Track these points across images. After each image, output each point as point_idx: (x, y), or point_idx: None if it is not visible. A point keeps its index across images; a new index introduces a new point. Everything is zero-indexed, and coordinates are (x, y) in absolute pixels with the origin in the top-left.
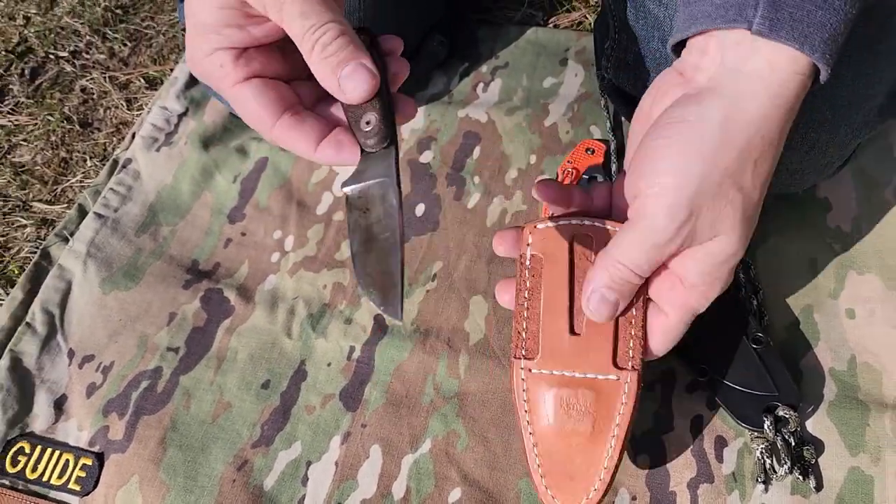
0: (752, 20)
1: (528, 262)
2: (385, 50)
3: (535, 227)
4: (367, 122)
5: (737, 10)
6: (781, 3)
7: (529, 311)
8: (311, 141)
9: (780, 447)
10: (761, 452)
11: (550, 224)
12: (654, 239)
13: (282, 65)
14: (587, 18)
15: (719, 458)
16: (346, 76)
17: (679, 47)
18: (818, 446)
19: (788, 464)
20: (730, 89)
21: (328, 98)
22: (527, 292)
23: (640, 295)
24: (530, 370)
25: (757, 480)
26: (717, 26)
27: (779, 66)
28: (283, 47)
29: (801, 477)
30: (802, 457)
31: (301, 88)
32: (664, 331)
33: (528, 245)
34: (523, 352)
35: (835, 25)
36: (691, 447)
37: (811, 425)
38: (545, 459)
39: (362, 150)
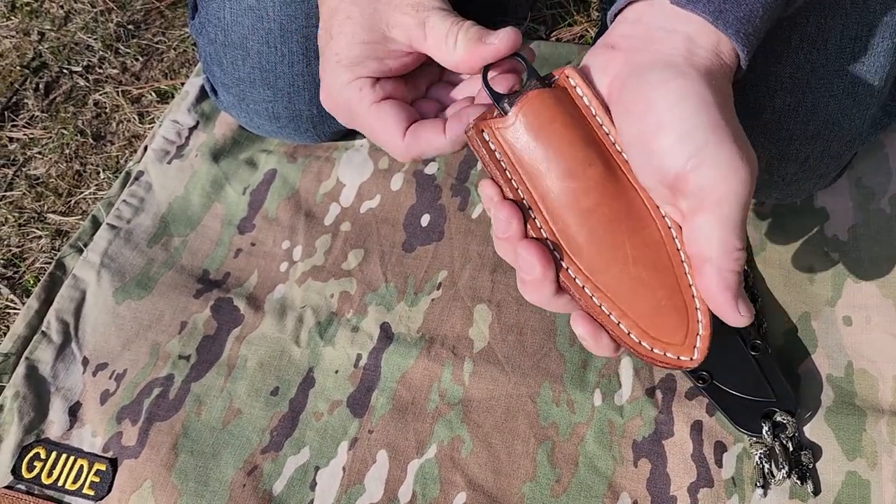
0: None
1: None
2: None
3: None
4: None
5: None
6: None
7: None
8: (439, 132)
9: (778, 452)
10: (760, 457)
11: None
12: (739, 198)
13: (402, 91)
14: (588, 32)
15: (719, 463)
16: (490, 38)
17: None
18: (816, 451)
19: (786, 468)
20: (679, 44)
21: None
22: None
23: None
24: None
25: (756, 485)
26: None
27: (699, 40)
28: (405, 78)
29: (799, 481)
30: (800, 461)
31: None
32: None
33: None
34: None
35: (751, 6)
36: (691, 452)
37: (809, 431)
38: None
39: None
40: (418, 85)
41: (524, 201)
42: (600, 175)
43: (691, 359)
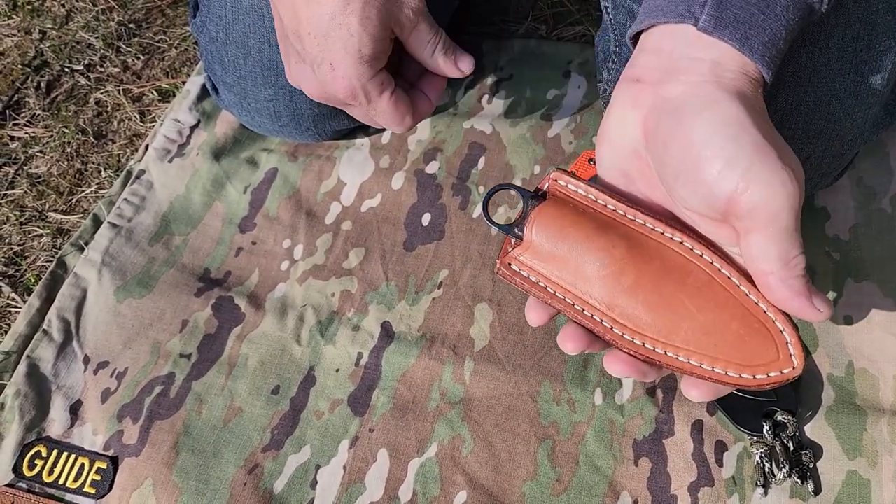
0: (698, 17)
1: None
2: None
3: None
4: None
5: (686, 6)
6: (728, 3)
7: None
8: (426, 102)
9: (778, 452)
10: (760, 457)
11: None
12: (788, 211)
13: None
14: (590, 31)
15: (719, 463)
16: (460, 60)
17: (635, 43)
18: (816, 451)
19: (787, 468)
20: (705, 68)
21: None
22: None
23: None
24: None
25: (756, 484)
26: (668, 20)
27: (726, 64)
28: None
29: (799, 481)
30: (801, 461)
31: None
32: None
33: None
34: None
35: (775, 30)
36: (692, 451)
37: (810, 430)
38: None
39: None
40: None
41: (575, 306)
42: (626, 251)
43: (794, 367)
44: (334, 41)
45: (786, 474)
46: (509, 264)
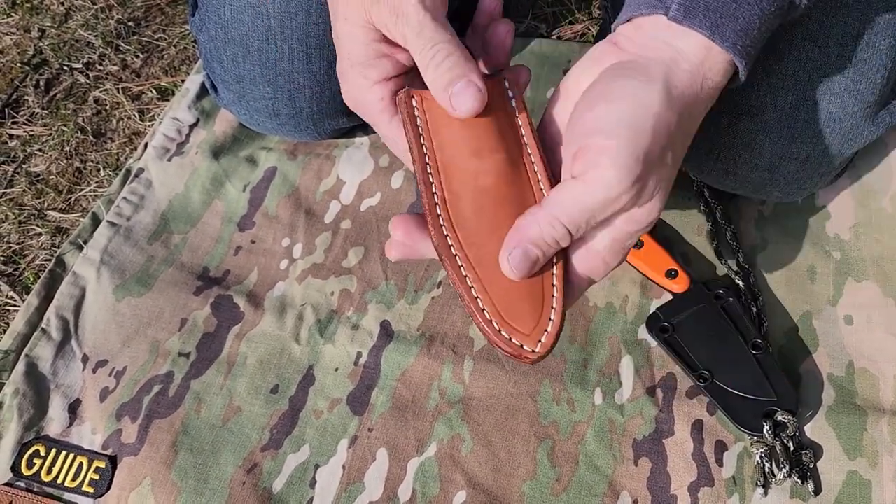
0: (668, 6)
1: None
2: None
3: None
4: None
5: None
6: None
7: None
8: None
9: (778, 452)
10: (760, 457)
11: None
12: (605, 195)
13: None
14: (590, 30)
15: (719, 463)
16: (456, 93)
17: None
18: (817, 451)
19: (787, 468)
20: (666, 55)
21: None
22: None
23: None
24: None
25: (756, 484)
26: (641, 12)
27: (695, 53)
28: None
29: (799, 481)
30: (801, 461)
31: None
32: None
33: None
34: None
35: (748, 19)
36: (692, 451)
37: (810, 430)
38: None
39: None
40: None
41: (427, 165)
42: (503, 161)
43: (533, 351)
44: (336, 42)
45: (786, 474)
46: (412, 97)
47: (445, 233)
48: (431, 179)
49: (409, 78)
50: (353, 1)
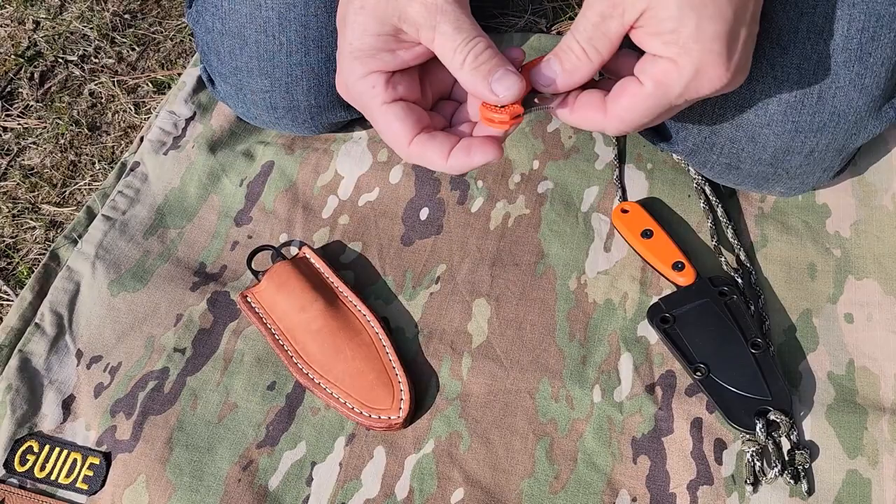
0: None
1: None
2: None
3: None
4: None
5: None
6: None
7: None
8: (443, 152)
9: (770, 450)
10: (751, 455)
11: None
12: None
13: (419, 93)
14: None
15: (718, 461)
16: (497, 79)
17: None
18: (816, 449)
19: (779, 467)
20: None
21: (453, 125)
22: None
23: None
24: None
25: (745, 482)
26: None
27: None
28: (421, 76)
29: (792, 481)
30: (795, 461)
31: (432, 116)
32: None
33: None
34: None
35: None
36: (691, 449)
37: (809, 428)
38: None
39: None
40: (432, 87)
41: (276, 336)
42: (323, 306)
43: (399, 416)
44: (341, 26)
45: (777, 473)
46: (247, 297)
47: (305, 371)
48: (282, 343)
49: (400, 76)
50: None
